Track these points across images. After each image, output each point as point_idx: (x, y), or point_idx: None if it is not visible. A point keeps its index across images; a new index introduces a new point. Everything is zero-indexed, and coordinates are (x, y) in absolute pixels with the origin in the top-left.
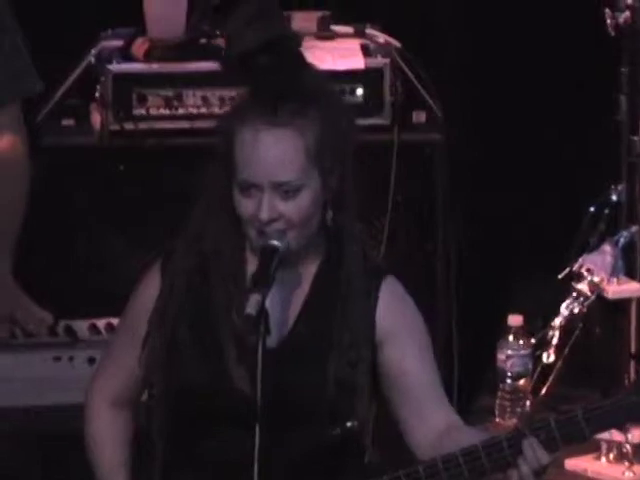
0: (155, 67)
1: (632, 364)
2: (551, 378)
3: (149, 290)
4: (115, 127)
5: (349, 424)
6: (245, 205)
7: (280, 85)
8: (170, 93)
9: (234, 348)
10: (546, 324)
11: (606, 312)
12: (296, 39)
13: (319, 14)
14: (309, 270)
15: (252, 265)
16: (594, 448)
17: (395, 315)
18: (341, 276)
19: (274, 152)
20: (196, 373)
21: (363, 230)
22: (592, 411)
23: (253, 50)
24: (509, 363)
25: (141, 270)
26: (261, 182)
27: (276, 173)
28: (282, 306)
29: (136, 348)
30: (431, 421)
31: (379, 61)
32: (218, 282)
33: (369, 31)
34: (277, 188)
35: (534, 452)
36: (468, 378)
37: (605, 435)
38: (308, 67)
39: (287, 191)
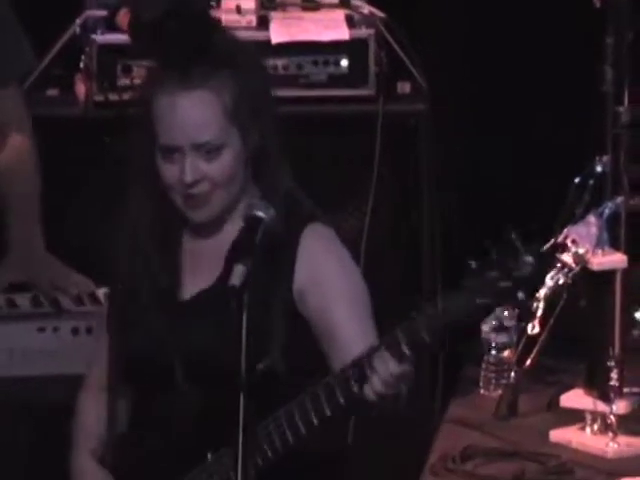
0: None
1: (617, 335)
2: (536, 349)
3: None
4: (99, 98)
5: (260, 366)
6: (169, 171)
7: (191, 49)
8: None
9: (158, 316)
10: (531, 295)
11: (591, 283)
12: (200, 2)
13: None
14: (235, 224)
15: (188, 241)
16: (579, 419)
17: (316, 263)
18: (263, 230)
19: (192, 114)
20: (131, 343)
21: (293, 184)
22: (430, 317)
23: (160, 17)
24: (493, 334)
25: None
26: (182, 145)
27: (196, 134)
28: (201, 260)
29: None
30: None
31: (364, 32)
32: (148, 254)
33: (354, 2)
34: (199, 149)
35: (384, 362)
36: (453, 349)
37: (589, 406)
38: (217, 28)
39: (209, 151)
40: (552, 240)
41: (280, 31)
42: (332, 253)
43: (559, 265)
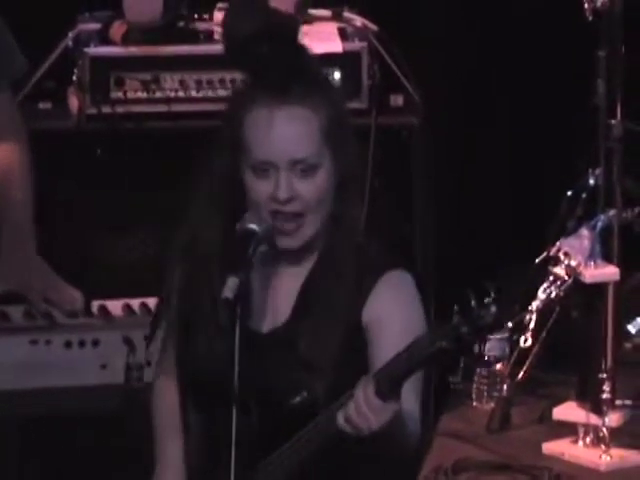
0: (133, 50)
1: (609, 347)
2: (528, 362)
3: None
4: (92, 110)
5: (298, 398)
6: (260, 186)
7: (287, 67)
8: (148, 76)
9: (212, 331)
10: (523, 308)
11: (583, 296)
12: (294, 22)
13: None
14: (310, 259)
15: (265, 269)
16: (571, 432)
17: (382, 303)
18: (334, 269)
19: (290, 129)
20: (183, 357)
21: (364, 220)
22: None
23: (253, 36)
24: (486, 347)
25: None
26: (278, 160)
27: (294, 150)
28: (278, 293)
29: None
30: None
31: (356, 45)
32: (216, 278)
33: (347, 14)
34: (294, 166)
35: (362, 388)
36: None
37: (582, 418)
38: (307, 51)
39: (304, 170)
40: (545, 253)
41: None
42: (402, 298)
43: (551, 278)
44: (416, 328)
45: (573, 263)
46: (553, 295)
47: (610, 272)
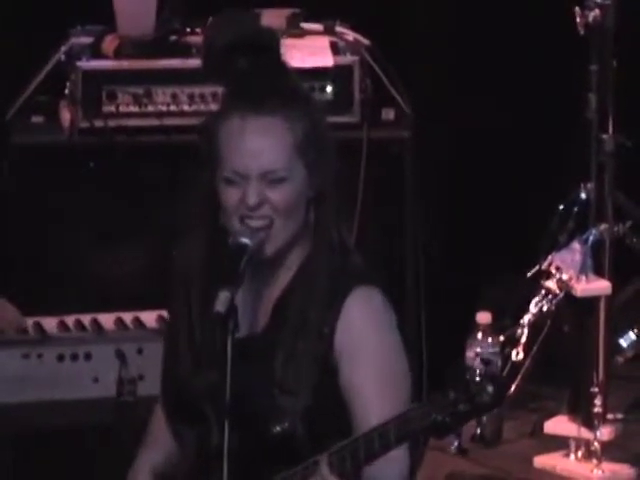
0: (125, 64)
1: (601, 361)
2: (520, 376)
3: None
4: (85, 124)
5: (278, 428)
6: (230, 194)
7: (264, 80)
8: (140, 90)
9: (194, 346)
10: (515, 322)
11: (575, 310)
12: (274, 36)
13: (289, 11)
14: (289, 271)
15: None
16: (563, 445)
17: (355, 332)
18: (308, 285)
19: (262, 140)
20: (169, 376)
21: (346, 233)
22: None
23: (232, 47)
24: (477, 361)
25: None
26: (248, 170)
27: (264, 161)
28: (256, 304)
29: None
30: None
31: (348, 59)
32: (199, 289)
33: (338, 29)
34: (264, 177)
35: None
36: (437, 376)
37: (573, 432)
38: (286, 66)
39: (273, 180)
40: (537, 266)
41: None
42: (373, 325)
43: (543, 292)
44: (385, 352)
45: (565, 277)
46: (545, 309)
47: (602, 286)
